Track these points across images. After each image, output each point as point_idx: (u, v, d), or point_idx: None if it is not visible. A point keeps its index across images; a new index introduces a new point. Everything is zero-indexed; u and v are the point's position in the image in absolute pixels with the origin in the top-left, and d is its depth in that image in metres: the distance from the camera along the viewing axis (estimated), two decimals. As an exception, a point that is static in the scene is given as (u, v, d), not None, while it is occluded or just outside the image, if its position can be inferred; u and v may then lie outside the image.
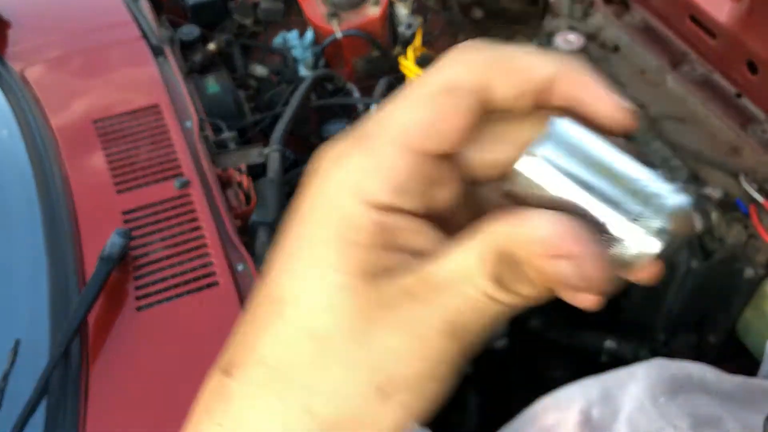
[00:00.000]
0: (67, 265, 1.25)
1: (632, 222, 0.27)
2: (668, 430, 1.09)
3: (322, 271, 0.30)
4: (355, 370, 0.30)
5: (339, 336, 0.30)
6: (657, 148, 1.61)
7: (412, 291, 0.29)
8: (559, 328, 1.84)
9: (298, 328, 0.31)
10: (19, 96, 1.58)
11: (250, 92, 2.39)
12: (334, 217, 0.30)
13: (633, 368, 1.22)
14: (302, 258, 0.31)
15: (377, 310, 0.29)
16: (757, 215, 1.43)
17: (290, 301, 0.31)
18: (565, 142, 0.28)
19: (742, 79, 1.58)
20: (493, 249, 0.27)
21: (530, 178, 0.28)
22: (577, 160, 0.28)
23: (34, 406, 1.04)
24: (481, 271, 0.28)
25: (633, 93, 1.73)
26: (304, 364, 0.31)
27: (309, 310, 0.30)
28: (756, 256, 1.45)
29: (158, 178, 1.42)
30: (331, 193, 0.30)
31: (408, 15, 2.43)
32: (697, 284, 1.56)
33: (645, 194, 0.28)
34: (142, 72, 1.70)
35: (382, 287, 0.29)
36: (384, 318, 0.29)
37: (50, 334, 1.15)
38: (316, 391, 0.31)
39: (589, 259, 0.26)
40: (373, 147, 0.29)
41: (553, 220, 0.27)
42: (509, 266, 0.27)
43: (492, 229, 0.27)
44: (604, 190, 0.28)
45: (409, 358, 0.29)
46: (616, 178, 0.28)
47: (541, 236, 0.26)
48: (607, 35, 1.91)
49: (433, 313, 0.29)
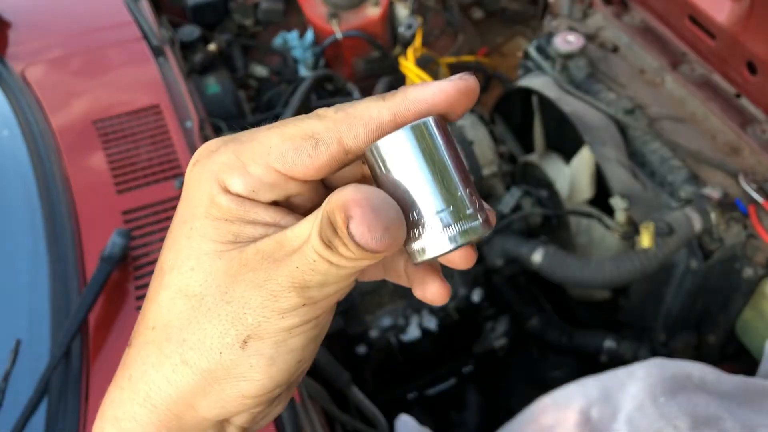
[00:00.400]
0: (68, 265, 1.25)
1: (435, 215, 0.33)
2: (668, 430, 1.09)
3: (194, 241, 0.36)
4: (221, 323, 0.35)
5: (209, 294, 0.35)
6: (656, 148, 1.61)
7: (268, 253, 0.34)
8: (558, 328, 1.85)
9: (175, 291, 0.36)
10: (20, 96, 1.58)
11: (250, 92, 2.40)
12: (203, 198, 0.36)
13: (632, 368, 1.22)
14: (179, 233, 0.36)
15: (239, 269, 0.34)
16: (757, 215, 1.44)
17: (168, 270, 0.36)
18: (417, 138, 0.33)
19: (742, 80, 1.58)
20: (323, 214, 0.32)
21: (376, 158, 0.34)
22: (421, 153, 0.33)
23: (35, 405, 1.05)
24: (315, 233, 0.33)
25: (632, 93, 1.73)
26: (181, 321, 0.35)
27: (183, 274, 0.36)
28: (755, 255, 1.46)
29: (158, 178, 1.42)
30: (202, 179, 0.36)
31: (408, 15, 2.43)
32: (696, 284, 1.56)
33: (458, 203, 0.34)
34: (143, 72, 1.71)
35: (243, 251, 0.35)
36: (244, 276, 0.34)
37: (51, 334, 1.15)
38: (191, 345, 0.35)
39: (363, 220, 0.31)
40: (240, 151, 0.35)
41: (355, 189, 0.31)
42: (331, 228, 0.32)
43: (327, 200, 0.32)
44: (429, 183, 0.33)
45: (263, 309, 0.34)
46: (446, 179, 0.34)
47: (340, 200, 0.31)
48: (606, 35, 1.92)
49: (282, 272, 0.34)
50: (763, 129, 1.56)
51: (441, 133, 0.34)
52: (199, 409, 0.37)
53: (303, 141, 0.34)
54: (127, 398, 0.38)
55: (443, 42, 2.71)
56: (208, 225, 0.36)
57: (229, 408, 0.37)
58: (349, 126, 0.34)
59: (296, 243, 0.34)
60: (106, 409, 0.39)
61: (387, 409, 1.57)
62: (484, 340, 1.84)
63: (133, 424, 0.37)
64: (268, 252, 0.34)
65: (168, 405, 0.37)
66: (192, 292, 0.35)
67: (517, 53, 2.63)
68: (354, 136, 0.34)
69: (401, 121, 0.35)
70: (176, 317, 0.36)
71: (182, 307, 0.36)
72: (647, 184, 1.59)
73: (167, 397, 0.37)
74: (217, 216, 0.36)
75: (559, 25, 1.94)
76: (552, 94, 1.72)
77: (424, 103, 0.35)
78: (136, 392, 0.37)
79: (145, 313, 0.38)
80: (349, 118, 0.35)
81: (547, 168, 1.80)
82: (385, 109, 0.35)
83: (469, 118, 1.89)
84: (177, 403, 0.37)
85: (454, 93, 0.35)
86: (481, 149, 1.83)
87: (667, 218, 1.45)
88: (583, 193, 1.67)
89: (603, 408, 1.18)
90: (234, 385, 0.36)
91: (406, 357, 1.78)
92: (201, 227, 0.36)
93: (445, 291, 0.38)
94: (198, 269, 0.35)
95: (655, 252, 1.42)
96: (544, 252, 1.56)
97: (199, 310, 0.35)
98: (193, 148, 1.50)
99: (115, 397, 0.38)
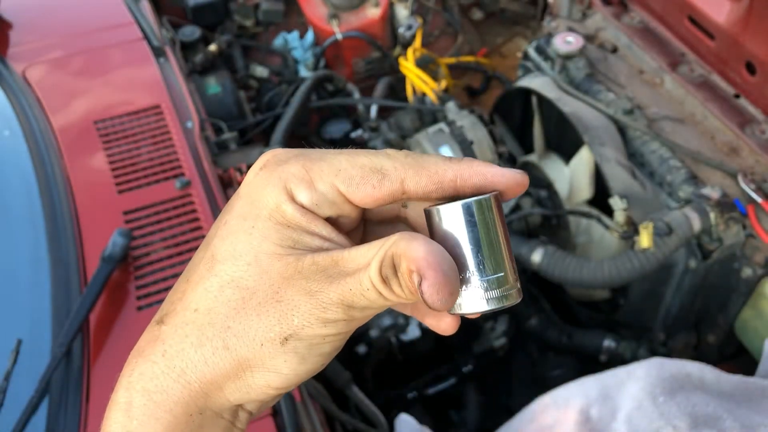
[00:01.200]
0: (69, 265, 1.25)
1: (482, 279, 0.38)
2: (667, 430, 1.10)
3: (254, 239, 0.39)
4: (268, 318, 0.38)
5: (260, 290, 0.38)
6: (655, 148, 1.61)
7: (324, 267, 0.38)
8: (558, 328, 1.85)
9: (227, 280, 0.39)
10: (21, 97, 1.58)
11: (251, 93, 2.40)
12: (269, 202, 0.39)
13: (632, 367, 1.23)
14: (238, 228, 0.39)
15: (294, 274, 0.38)
16: (755, 215, 1.44)
17: (221, 259, 0.39)
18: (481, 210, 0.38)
19: (741, 80, 1.59)
20: (387, 253, 0.37)
21: (440, 218, 0.39)
22: (481, 224, 0.38)
23: (36, 405, 1.05)
24: (376, 266, 0.37)
25: (631, 93, 1.73)
26: (228, 309, 0.38)
27: (238, 266, 0.39)
28: (754, 255, 1.46)
29: (159, 179, 1.43)
30: (269, 184, 0.39)
31: (408, 16, 2.43)
32: (695, 284, 1.56)
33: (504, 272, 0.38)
34: (143, 73, 1.71)
35: (300, 259, 0.38)
36: (298, 282, 0.38)
37: (52, 333, 1.15)
38: (234, 332, 0.38)
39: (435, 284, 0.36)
40: (310, 167, 0.39)
41: (427, 248, 0.36)
42: (392, 269, 0.37)
43: (392, 240, 0.37)
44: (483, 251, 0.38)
45: (309, 315, 0.38)
46: (497, 249, 0.38)
47: (413, 254, 0.36)
48: (605, 36, 1.92)
49: (335, 288, 0.37)
50: (762, 129, 1.56)
51: (498, 210, 0.39)
52: (226, 391, 0.40)
53: (371, 172, 0.39)
54: (160, 372, 0.40)
55: (443, 43, 2.72)
56: (271, 227, 0.39)
57: (252, 395, 0.40)
58: (415, 172, 0.39)
59: (352, 266, 0.38)
60: (134, 381, 0.40)
61: (387, 409, 1.57)
62: (484, 340, 1.84)
63: (164, 397, 0.40)
64: (324, 266, 0.38)
65: (201, 384, 0.39)
66: (245, 284, 0.38)
67: (517, 54, 2.64)
68: (416, 182, 0.39)
69: (461, 184, 0.39)
70: (224, 304, 0.39)
71: (232, 297, 0.39)
72: (646, 184, 1.60)
73: (202, 376, 0.39)
74: (280, 221, 0.39)
75: (558, 26, 1.95)
76: (551, 94, 1.72)
77: (484, 179, 0.39)
78: (171, 368, 0.40)
79: (185, 293, 0.40)
80: (417, 165, 0.39)
81: (547, 168, 1.80)
82: (450, 170, 0.39)
83: (469, 119, 1.89)
84: (210, 383, 0.39)
85: (512, 181, 0.39)
86: (481, 149, 1.84)
87: (666, 218, 1.45)
88: (582, 193, 1.68)
89: (602, 407, 1.18)
90: (264, 376, 0.39)
91: (406, 356, 1.79)
92: (264, 228, 0.39)
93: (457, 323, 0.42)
94: (254, 265, 0.39)
95: (654, 252, 1.43)
96: (544, 252, 1.56)
97: (249, 302, 0.38)
98: (194, 149, 1.50)
99: (146, 370, 0.40)
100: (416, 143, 1.88)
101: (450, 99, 2.04)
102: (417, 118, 2.12)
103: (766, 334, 1.48)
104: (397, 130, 2.09)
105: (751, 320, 1.53)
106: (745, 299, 1.52)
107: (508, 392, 1.94)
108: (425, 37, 2.51)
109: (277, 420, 1.08)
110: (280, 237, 0.39)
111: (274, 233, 0.39)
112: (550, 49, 1.85)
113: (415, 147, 1.88)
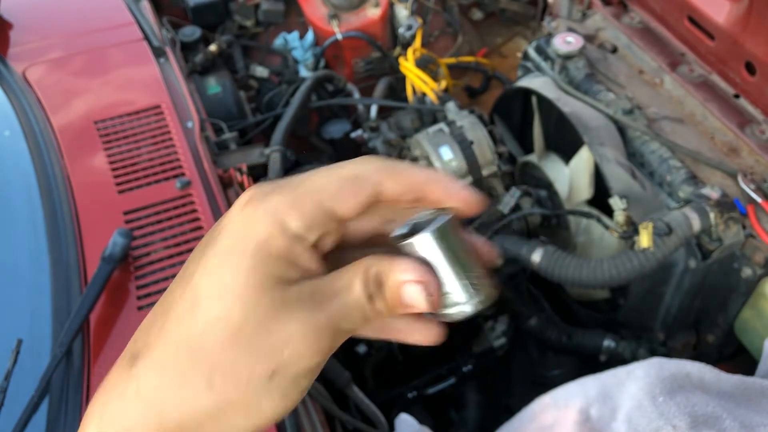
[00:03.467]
0: (69, 265, 1.25)
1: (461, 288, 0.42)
2: (667, 429, 1.10)
3: (240, 274, 0.38)
4: (256, 354, 0.37)
5: (249, 325, 0.37)
6: (655, 148, 1.61)
7: (309, 295, 0.39)
8: (558, 328, 1.85)
9: (214, 318, 0.38)
10: (21, 97, 1.58)
11: (251, 93, 2.40)
12: (257, 235, 0.38)
13: (632, 367, 1.23)
14: (221, 264, 0.39)
15: (281, 306, 0.38)
16: (755, 215, 1.44)
17: (207, 296, 0.38)
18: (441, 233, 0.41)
19: (741, 80, 1.59)
20: (372, 273, 0.39)
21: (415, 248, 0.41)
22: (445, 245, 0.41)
23: (36, 405, 1.05)
24: (360, 286, 0.39)
25: (631, 93, 1.74)
26: (215, 347, 0.37)
27: (224, 303, 0.38)
28: (754, 255, 1.46)
29: (159, 179, 1.43)
30: (256, 218, 0.39)
31: (408, 16, 2.43)
32: (695, 284, 1.56)
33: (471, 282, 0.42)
34: (144, 73, 1.71)
35: (286, 290, 0.38)
36: (285, 313, 0.38)
37: (52, 333, 1.15)
38: (221, 371, 0.37)
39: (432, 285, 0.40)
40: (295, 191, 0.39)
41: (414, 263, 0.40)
42: (377, 285, 0.39)
43: (373, 261, 0.40)
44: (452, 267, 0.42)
45: (299, 345, 0.38)
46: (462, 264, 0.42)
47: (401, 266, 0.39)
48: (605, 36, 1.92)
49: (322, 313, 0.38)
50: (762, 129, 1.56)
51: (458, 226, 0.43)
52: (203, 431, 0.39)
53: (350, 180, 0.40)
54: (134, 416, 0.39)
55: (443, 43, 2.72)
56: (259, 261, 0.38)
57: None
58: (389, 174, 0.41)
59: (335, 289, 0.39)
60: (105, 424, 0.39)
61: (387, 408, 1.57)
62: (484, 340, 1.84)
63: None
64: (309, 293, 0.39)
65: (180, 425, 0.38)
66: (232, 321, 0.38)
67: (517, 54, 2.64)
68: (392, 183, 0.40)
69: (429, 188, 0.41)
70: (210, 342, 0.38)
71: (219, 334, 0.38)
72: (646, 184, 1.60)
73: (180, 420, 0.38)
74: (267, 254, 0.38)
75: (558, 26, 1.95)
76: (551, 94, 1.72)
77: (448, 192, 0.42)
78: (147, 409, 0.38)
79: (163, 329, 0.39)
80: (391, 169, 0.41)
81: (547, 168, 1.80)
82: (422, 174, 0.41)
83: (469, 119, 1.89)
84: (187, 425, 0.38)
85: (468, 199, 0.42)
86: (481, 149, 1.84)
87: (665, 218, 1.45)
88: (582, 193, 1.68)
89: (602, 407, 1.18)
90: (244, 415, 0.38)
91: (406, 356, 1.79)
92: (251, 263, 0.38)
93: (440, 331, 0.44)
94: (242, 300, 0.38)
95: (654, 252, 1.43)
96: (544, 252, 1.56)
97: (237, 338, 0.37)
98: (194, 149, 1.51)
99: (118, 412, 0.39)
100: (416, 143, 1.88)
101: (450, 99, 2.04)
102: (417, 118, 2.12)
103: (766, 334, 1.48)
104: (397, 130, 2.09)
105: (751, 320, 1.53)
106: (745, 299, 1.52)
107: (508, 392, 1.95)
108: (425, 37, 2.51)
109: (277, 420, 1.08)
110: (268, 271, 0.38)
111: (261, 267, 0.38)
112: (550, 49, 1.85)
113: (415, 147, 1.88)
